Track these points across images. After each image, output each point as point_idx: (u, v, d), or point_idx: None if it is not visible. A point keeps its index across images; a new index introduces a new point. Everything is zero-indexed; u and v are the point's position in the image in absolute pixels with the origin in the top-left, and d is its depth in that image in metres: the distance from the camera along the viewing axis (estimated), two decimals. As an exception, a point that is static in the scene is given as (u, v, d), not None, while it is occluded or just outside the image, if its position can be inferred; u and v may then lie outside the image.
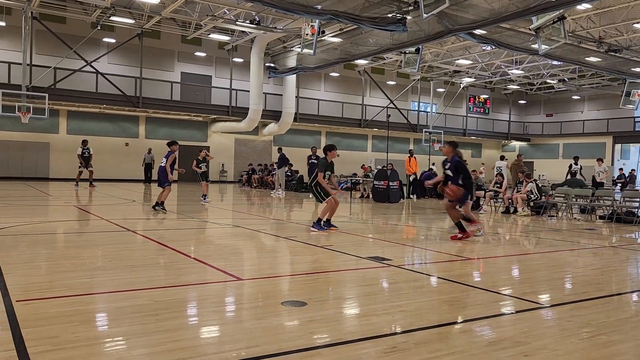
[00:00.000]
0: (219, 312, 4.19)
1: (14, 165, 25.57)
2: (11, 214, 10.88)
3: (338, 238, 8.52)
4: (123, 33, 26.95)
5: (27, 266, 5.67)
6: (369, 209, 15.54)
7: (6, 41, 24.81)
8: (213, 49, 30.24)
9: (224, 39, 27.97)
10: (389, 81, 36.45)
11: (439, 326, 3.89)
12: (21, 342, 3.16)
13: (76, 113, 27.12)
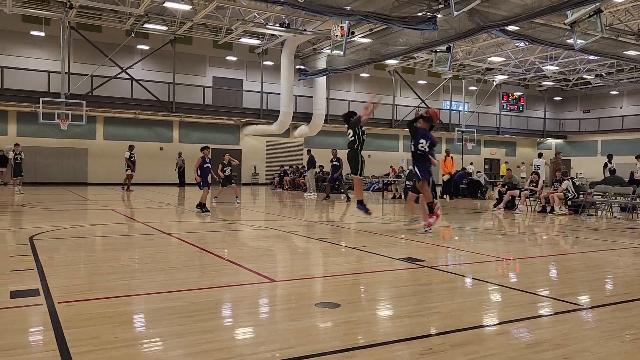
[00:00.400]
0: (253, 313, 4.22)
1: (54, 170, 26.41)
2: (52, 218, 11.24)
3: (370, 239, 8.49)
4: (156, 40, 27.52)
5: (68, 269, 5.84)
6: (401, 210, 15.41)
7: (46, 51, 25.67)
8: (244, 53, 30.58)
9: (254, 42, 28.26)
10: (419, 80, 36.14)
11: (475, 328, 3.82)
12: (63, 343, 3.26)
13: (112, 119, 27.84)
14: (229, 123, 30.95)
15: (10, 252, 6.85)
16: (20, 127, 25.82)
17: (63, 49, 23.83)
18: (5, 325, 3.67)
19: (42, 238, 7.82)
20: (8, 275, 5.26)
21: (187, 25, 25.23)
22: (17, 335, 3.53)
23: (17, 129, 25.81)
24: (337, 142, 34.27)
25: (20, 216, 11.75)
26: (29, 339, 3.49)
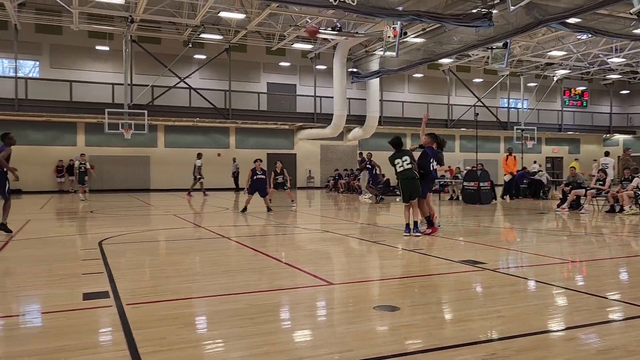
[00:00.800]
0: (312, 316, 4.25)
1: (119, 178, 27.64)
2: (119, 224, 11.76)
3: (428, 241, 8.35)
4: (212, 49, 28.31)
5: (134, 272, 6.09)
6: (459, 211, 15.09)
7: (110, 64, 26.96)
8: (296, 58, 30.93)
9: (306, 47, 28.54)
10: (475, 79, 35.28)
11: (542, 333, 3.68)
12: (132, 343, 3.40)
13: (172, 127, 28.85)
14: (284, 128, 31.36)
15: (81, 256, 7.23)
16: (88, 137, 27.21)
17: (125, 61, 24.94)
18: (79, 326, 3.87)
19: (110, 243, 8.20)
20: (80, 278, 5.55)
21: (241, 33, 25.82)
22: (90, 335, 3.71)
23: (85, 139, 27.23)
24: (391, 143, 33.99)
25: (89, 222, 12.38)
26: (101, 339, 3.67)
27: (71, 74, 26.07)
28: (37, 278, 5.63)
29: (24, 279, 5.59)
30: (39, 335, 3.65)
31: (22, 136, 25.90)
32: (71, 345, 3.39)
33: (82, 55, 26.69)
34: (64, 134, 26.85)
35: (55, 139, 26.63)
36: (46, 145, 26.25)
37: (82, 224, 11.92)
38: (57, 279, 5.53)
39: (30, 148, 25.76)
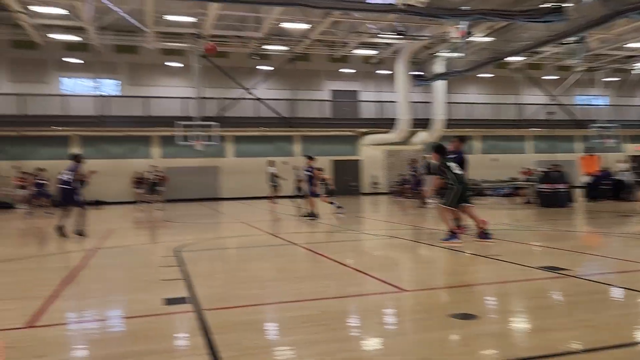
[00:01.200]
0: (385, 323, 4.20)
1: (191, 187, 28.73)
2: (192, 231, 12.20)
3: (504, 247, 8.04)
4: (276, 59, 28.90)
5: (209, 278, 6.28)
6: (535, 215, 14.45)
7: (181, 79, 28.17)
8: (359, 64, 30.94)
9: (369, 53, 28.51)
10: (547, 76, 33.78)
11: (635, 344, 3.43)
12: (212, 348, 3.50)
13: (240, 137, 29.67)
14: (347, 134, 31.41)
15: (159, 263, 7.55)
16: (163, 149, 28.52)
17: (196, 76, 25.96)
18: (162, 330, 4.04)
19: (185, 250, 8.51)
20: (160, 285, 5.79)
21: (304, 43, 26.20)
22: (173, 339, 3.87)
23: (159, 151, 28.55)
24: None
25: (165, 230, 12.93)
26: (183, 343, 3.80)
27: (147, 90, 27.47)
28: (122, 284, 5.94)
29: (110, 285, 5.91)
30: (126, 339, 3.84)
31: (103, 150, 27.57)
32: (156, 348, 3.54)
33: (156, 72, 28.07)
34: (141, 147, 28.29)
35: (133, 151, 28.10)
36: (125, 158, 27.73)
37: (159, 233, 12.47)
38: (139, 285, 5.80)
39: (110, 161, 27.33)
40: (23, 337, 3.90)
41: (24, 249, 9.57)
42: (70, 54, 26.38)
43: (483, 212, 16.27)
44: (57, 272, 6.95)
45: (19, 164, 25.33)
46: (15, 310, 4.74)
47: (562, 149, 32.85)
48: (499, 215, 15.21)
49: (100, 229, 13.25)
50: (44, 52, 26.01)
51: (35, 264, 7.78)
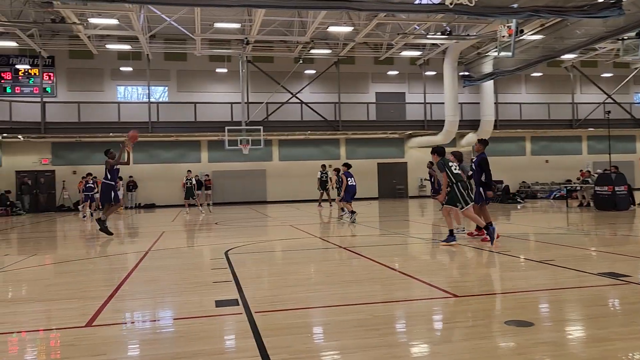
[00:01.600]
0: (439, 329, 4.11)
1: (238, 191, 29.21)
2: (241, 234, 12.38)
3: (557, 252, 7.75)
4: (321, 63, 29.01)
5: (258, 280, 6.34)
6: (591, 219, 13.87)
7: (228, 85, 28.71)
8: (405, 66, 30.64)
9: (415, 54, 28.19)
10: (604, 74, 32.40)
11: None
12: (264, 350, 3.52)
13: (286, 141, 29.93)
14: (393, 137, 31.14)
15: (211, 265, 7.70)
16: (210, 154, 29.14)
17: (242, 81, 26.40)
18: (213, 332, 4.11)
19: (234, 252, 8.64)
20: (211, 287, 5.89)
21: (349, 46, 26.18)
22: (224, 340, 3.93)
23: (208, 156, 29.18)
24: (509, 148, 32.33)
25: (214, 233, 13.18)
26: (234, 344, 3.85)
27: (195, 96, 28.15)
28: (174, 285, 6.08)
29: (163, 286, 6.07)
30: (179, 339, 3.92)
31: (154, 155, 28.44)
32: (208, 349, 3.59)
33: (204, 78, 28.73)
34: (190, 152, 28.99)
35: (182, 156, 28.84)
36: (174, 162, 28.49)
37: (209, 235, 12.72)
38: (191, 287, 5.92)
39: (161, 166, 28.18)
40: (83, 335, 4.05)
41: (82, 251, 9.97)
42: (123, 63, 27.39)
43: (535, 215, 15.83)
44: (112, 273, 7.21)
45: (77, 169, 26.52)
46: (76, 309, 4.94)
47: (620, 149, 31.45)
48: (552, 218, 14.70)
49: (151, 231, 13.65)
50: (99, 61, 27.11)
51: (92, 265, 8.09)
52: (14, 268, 7.79)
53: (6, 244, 12.21)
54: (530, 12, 15.00)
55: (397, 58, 29.71)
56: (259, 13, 20.45)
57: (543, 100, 31.51)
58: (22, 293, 6.15)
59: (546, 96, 31.97)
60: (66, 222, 18.66)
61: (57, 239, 13.30)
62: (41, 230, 15.60)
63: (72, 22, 20.09)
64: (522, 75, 31.31)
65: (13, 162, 27.03)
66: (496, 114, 29.19)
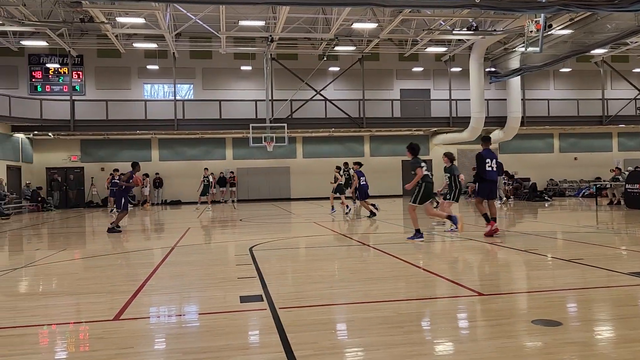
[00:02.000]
0: (464, 327, 4.07)
1: (263, 188, 29.40)
2: (265, 231, 12.46)
3: (586, 250, 7.59)
4: (346, 60, 28.94)
5: (282, 277, 6.37)
6: (622, 217, 13.53)
7: (252, 82, 28.88)
8: (430, 62, 30.35)
9: (440, 50, 27.91)
10: (635, 69, 31.56)
11: None
12: (288, 346, 3.53)
13: (310, 138, 29.98)
14: (418, 134, 30.89)
15: (236, 261, 7.76)
16: (235, 151, 29.38)
17: (266, 78, 26.52)
18: (238, 327, 4.14)
19: (259, 249, 8.70)
20: (236, 282, 5.94)
21: (374, 42, 26.05)
22: (249, 336, 3.96)
23: (232, 153, 29.43)
24: (537, 145, 31.78)
25: (239, 229, 13.29)
26: (259, 340, 3.88)
27: (220, 93, 28.41)
28: (200, 281, 6.15)
29: (188, 281, 6.15)
30: (205, 334, 3.96)
31: (180, 152, 28.82)
32: (233, 344, 3.63)
33: (228, 75, 28.96)
34: (215, 149, 29.28)
35: (207, 153, 29.14)
36: (200, 159, 28.80)
37: (233, 232, 12.84)
38: (216, 282, 5.99)
39: (187, 163, 28.53)
40: (111, 328, 4.13)
41: (109, 246, 10.17)
42: (150, 61, 27.79)
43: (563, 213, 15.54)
44: (138, 268, 7.33)
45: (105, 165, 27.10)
46: (104, 303, 5.04)
47: (652, 147, 30.67)
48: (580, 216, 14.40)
49: (177, 227, 13.84)
50: (126, 60, 27.56)
51: (119, 260, 8.25)
52: (45, 262, 7.99)
53: (37, 238, 12.54)
54: (560, 6, 14.68)
55: (422, 54, 29.44)
56: (284, 10, 20.50)
57: (572, 96, 30.86)
58: (52, 287, 6.31)
59: (575, 92, 31.31)
60: (95, 218, 19.05)
61: (85, 234, 13.60)
62: (70, 225, 15.96)
63: (100, 22, 20.47)
64: (550, 71, 30.71)
65: (44, 159, 27.72)
66: (523, 111, 28.69)
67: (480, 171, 9.77)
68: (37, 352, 3.68)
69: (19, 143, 25.90)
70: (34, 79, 27.30)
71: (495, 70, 27.48)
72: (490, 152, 9.83)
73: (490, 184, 9.86)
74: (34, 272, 7.26)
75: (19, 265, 7.80)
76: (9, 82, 26.83)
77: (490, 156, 9.74)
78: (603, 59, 29.99)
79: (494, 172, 9.78)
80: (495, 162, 9.78)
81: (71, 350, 3.68)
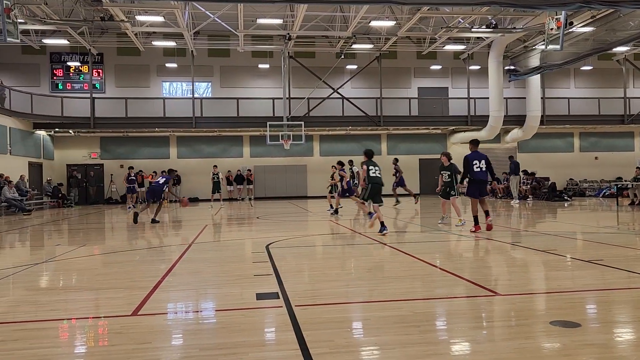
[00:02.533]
0: (481, 327, 4.04)
1: (279, 186, 29.49)
2: (282, 228, 12.49)
3: (607, 251, 7.47)
4: (363, 58, 28.87)
5: (298, 274, 6.39)
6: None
7: (270, 80, 28.97)
8: (448, 60, 30.13)
9: (459, 48, 27.68)
10: (659, 67, 30.94)
11: None
12: (303, 343, 3.55)
13: (326, 136, 29.97)
14: (435, 132, 30.70)
15: (252, 258, 7.81)
16: (252, 149, 29.51)
17: (284, 77, 26.58)
18: (254, 324, 4.17)
19: (275, 246, 8.74)
20: (253, 280, 5.98)
21: (391, 40, 25.93)
22: (265, 333, 3.98)
23: (250, 151, 29.57)
24: (556, 144, 31.36)
25: (255, 227, 13.35)
26: (275, 337, 3.89)
27: (237, 91, 28.55)
28: (216, 278, 6.20)
29: (205, 278, 6.20)
30: (221, 330, 4.00)
31: (198, 150, 29.04)
32: (249, 341, 3.65)
33: (246, 73, 29.09)
34: (232, 147, 29.45)
35: (225, 151, 29.32)
36: (217, 157, 29.01)
37: (250, 229, 12.90)
38: (233, 279, 6.03)
39: (204, 160, 28.74)
40: (129, 324, 4.19)
41: (128, 242, 10.29)
42: (168, 59, 28.04)
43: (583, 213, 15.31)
44: (156, 264, 7.41)
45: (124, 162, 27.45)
46: (123, 298, 5.11)
47: (676, 146, 30.05)
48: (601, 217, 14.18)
49: (195, 224, 13.96)
50: (145, 58, 27.85)
51: (137, 256, 8.35)
52: (65, 258, 8.13)
53: (58, 234, 12.75)
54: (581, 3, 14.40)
55: (440, 52, 29.25)
56: (301, 9, 20.52)
57: (593, 95, 30.38)
58: (72, 282, 6.41)
59: (596, 90, 30.81)
60: (114, 214, 19.31)
61: (105, 230, 13.79)
62: (90, 221, 16.20)
63: (120, 20, 20.71)
64: (570, 69, 30.29)
65: (64, 156, 28.16)
66: (543, 109, 28.34)
67: (468, 172, 10.41)
68: (57, 345, 3.75)
69: (40, 140, 26.36)
70: (55, 77, 27.74)
71: (515, 68, 27.18)
72: (478, 154, 10.47)
73: (480, 183, 10.42)
74: (54, 267, 7.39)
75: (40, 260, 7.94)
76: (32, 80, 27.31)
77: (478, 157, 10.35)
78: (625, 57, 29.45)
79: (483, 172, 10.33)
80: (485, 162, 10.31)
81: (90, 345, 3.74)
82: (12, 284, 6.15)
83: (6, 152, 22.73)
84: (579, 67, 30.09)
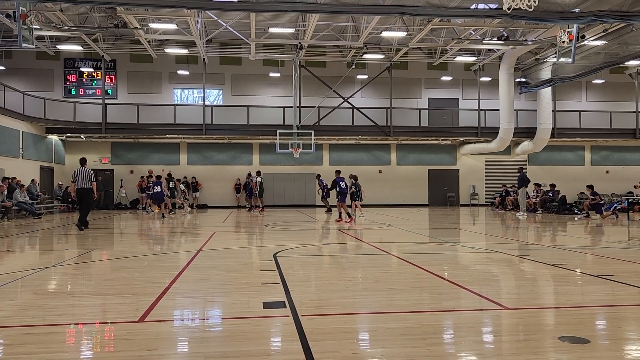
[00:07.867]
0: (489, 341, 4.00)
1: (288, 194, 29.51)
2: (290, 237, 12.48)
3: (617, 267, 7.38)
4: (374, 68, 28.94)
5: (305, 284, 6.37)
6: (655, 234, 13.12)
7: (281, 89, 29.10)
8: (459, 72, 30.12)
9: (470, 60, 27.67)
10: (671, 81, 30.70)
11: None
12: (309, 354, 3.53)
13: (336, 145, 30.01)
14: (445, 143, 30.64)
15: (259, 266, 7.81)
16: (262, 157, 29.60)
17: (294, 85, 26.70)
18: (261, 333, 4.16)
19: (283, 255, 8.73)
20: (260, 288, 5.98)
21: (402, 51, 25.99)
22: (271, 342, 3.97)
23: (259, 158, 29.66)
24: (567, 157, 31.18)
25: (264, 235, 13.36)
26: (281, 346, 3.88)
27: (248, 99, 28.71)
28: (224, 285, 6.21)
29: (212, 285, 6.21)
30: (227, 339, 3.99)
31: (208, 157, 29.18)
32: (255, 350, 3.64)
33: (257, 82, 29.26)
34: (242, 154, 29.56)
35: (234, 158, 29.44)
36: (227, 164, 29.13)
37: (258, 237, 12.91)
38: (239, 287, 6.03)
39: (214, 167, 28.87)
40: (136, 330, 4.20)
41: (137, 248, 10.34)
42: (180, 67, 28.28)
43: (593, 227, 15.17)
44: (164, 270, 7.43)
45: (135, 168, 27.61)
46: (130, 304, 5.12)
47: (689, 161, 29.74)
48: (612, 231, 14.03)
49: (203, 231, 13.99)
50: (158, 65, 28.11)
51: (145, 262, 8.37)
52: (73, 262, 8.17)
53: (67, 239, 12.83)
54: (593, 17, 14.41)
55: (451, 63, 29.26)
56: (313, 18, 20.64)
57: (604, 108, 30.21)
58: (80, 286, 6.44)
59: (608, 104, 30.64)
60: (123, 220, 19.41)
61: (113, 235, 13.86)
62: (99, 226, 16.29)
63: (133, 27, 20.94)
64: (582, 82, 30.16)
65: (75, 161, 28.36)
66: (554, 122, 28.22)
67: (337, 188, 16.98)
68: (64, 350, 3.76)
69: (52, 144, 26.62)
70: (68, 82, 28.05)
71: (526, 80, 27.12)
72: (340, 178, 17.07)
73: (345, 195, 16.97)
74: (62, 272, 7.43)
75: (49, 264, 8.00)
76: (45, 85, 27.64)
77: (341, 179, 17.14)
78: (638, 71, 29.29)
79: (345, 187, 17.07)
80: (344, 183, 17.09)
81: (96, 350, 3.75)
82: (21, 287, 6.20)
83: (18, 155, 22.98)
84: (590, 80, 29.97)
